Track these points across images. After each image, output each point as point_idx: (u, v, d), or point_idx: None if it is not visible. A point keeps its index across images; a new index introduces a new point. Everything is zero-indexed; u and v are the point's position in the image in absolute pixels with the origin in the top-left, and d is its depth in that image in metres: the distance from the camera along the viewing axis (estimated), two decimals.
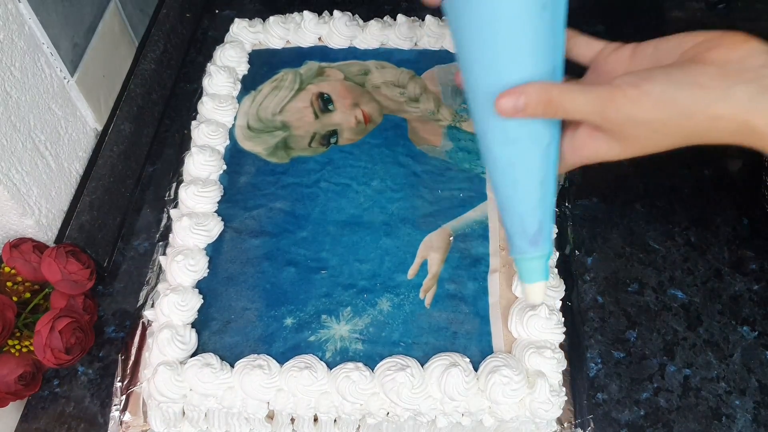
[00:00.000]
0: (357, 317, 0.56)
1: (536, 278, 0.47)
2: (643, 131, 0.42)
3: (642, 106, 0.41)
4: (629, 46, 0.46)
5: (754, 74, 0.40)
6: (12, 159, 0.56)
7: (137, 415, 0.55)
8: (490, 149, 0.45)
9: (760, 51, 0.41)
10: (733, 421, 0.57)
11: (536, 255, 0.47)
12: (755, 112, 0.39)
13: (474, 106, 0.45)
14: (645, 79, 0.41)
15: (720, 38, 0.41)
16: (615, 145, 0.44)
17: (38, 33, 0.59)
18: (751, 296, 0.64)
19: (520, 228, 0.46)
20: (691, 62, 0.41)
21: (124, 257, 0.69)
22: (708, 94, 0.40)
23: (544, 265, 0.47)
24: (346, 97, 0.71)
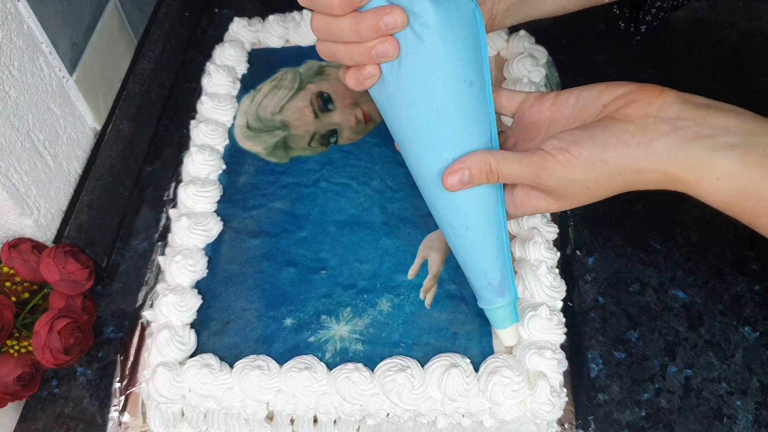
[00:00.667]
0: (357, 318, 0.56)
1: (508, 323, 0.52)
2: (576, 189, 0.45)
3: (573, 169, 0.44)
4: (550, 95, 0.49)
5: (670, 126, 0.43)
6: (11, 159, 0.56)
7: (136, 415, 0.55)
8: (444, 218, 0.50)
9: (673, 102, 0.44)
10: (734, 422, 0.57)
11: (504, 303, 0.51)
12: (674, 162, 0.43)
13: (420, 183, 0.49)
14: (573, 144, 0.44)
15: (637, 92, 0.45)
16: (551, 201, 0.47)
17: (37, 32, 0.59)
18: (753, 296, 0.64)
19: (485, 282, 0.51)
20: (612, 120, 0.44)
21: (123, 257, 0.69)
22: (632, 152, 0.43)
23: (513, 310, 0.52)
24: (346, 96, 0.71)
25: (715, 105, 0.44)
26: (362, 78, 0.45)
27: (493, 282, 0.50)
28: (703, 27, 0.85)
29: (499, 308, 0.51)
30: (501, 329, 0.52)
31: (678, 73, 0.79)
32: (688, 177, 0.43)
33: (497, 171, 0.46)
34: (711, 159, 0.42)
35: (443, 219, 0.50)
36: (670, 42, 0.83)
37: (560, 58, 0.79)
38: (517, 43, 0.72)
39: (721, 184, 0.43)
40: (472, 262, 0.50)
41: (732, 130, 0.42)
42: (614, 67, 0.81)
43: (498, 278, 0.50)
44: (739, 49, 0.82)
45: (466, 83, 0.44)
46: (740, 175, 0.42)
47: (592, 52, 0.83)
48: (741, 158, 0.42)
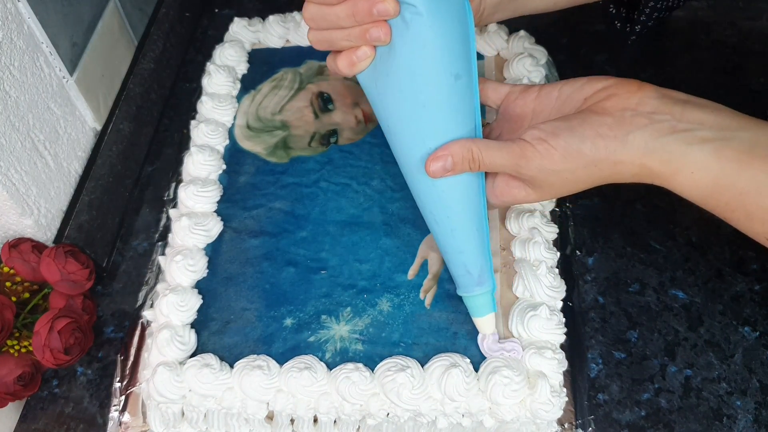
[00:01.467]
0: (357, 318, 0.56)
1: (486, 311, 0.53)
2: (554, 179, 0.46)
3: (551, 159, 0.45)
4: (534, 88, 0.50)
5: (647, 120, 0.43)
6: (11, 159, 0.56)
7: (136, 415, 0.55)
8: (427, 207, 0.51)
9: (651, 97, 0.44)
10: (734, 422, 0.57)
11: (483, 292, 0.52)
12: (650, 155, 0.44)
13: (406, 172, 0.50)
14: (551, 134, 0.45)
15: (616, 86, 0.45)
16: (530, 191, 0.48)
17: (37, 32, 0.59)
18: (753, 296, 0.64)
19: (465, 271, 0.52)
20: (591, 113, 0.45)
21: (123, 257, 0.69)
22: (609, 144, 0.44)
23: (491, 299, 0.53)
24: (346, 96, 0.71)
25: (693, 100, 0.45)
26: (356, 59, 0.46)
27: (472, 270, 0.52)
28: (702, 27, 0.85)
29: (477, 296, 0.52)
30: (478, 317, 0.53)
31: (677, 73, 0.79)
32: (664, 170, 0.44)
33: (479, 159, 0.47)
34: (686, 153, 0.43)
35: (425, 206, 0.51)
36: (670, 42, 0.83)
37: (560, 58, 0.79)
38: (517, 43, 0.72)
39: (696, 178, 0.44)
40: (452, 249, 0.51)
41: (708, 125, 0.43)
42: (614, 67, 0.81)
43: (477, 267, 0.52)
44: (739, 49, 0.82)
45: (453, 76, 0.45)
46: (715, 169, 0.43)
47: (591, 52, 0.83)
48: (716, 152, 0.43)
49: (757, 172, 0.42)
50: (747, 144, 0.43)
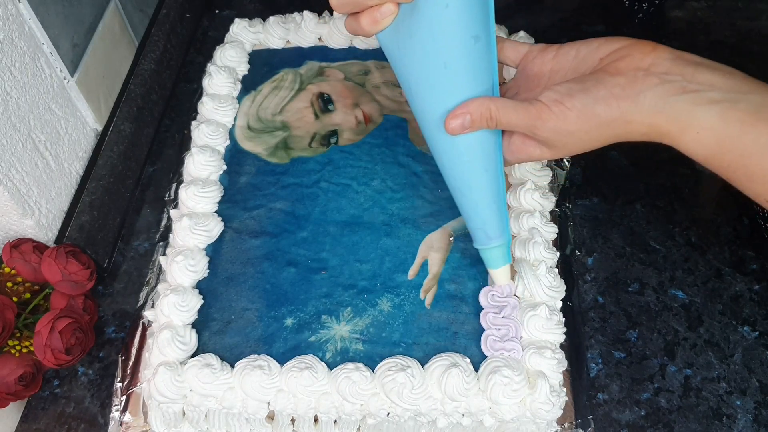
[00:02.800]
0: (357, 317, 0.56)
1: (501, 263, 0.55)
2: (568, 139, 0.48)
3: (566, 120, 0.46)
4: (553, 47, 0.51)
5: (658, 80, 0.44)
6: (12, 159, 0.56)
7: (137, 415, 0.55)
8: (445, 164, 0.52)
9: (664, 58, 0.45)
10: (733, 422, 0.57)
11: (499, 244, 0.54)
12: (660, 115, 0.44)
13: (426, 130, 0.51)
14: (567, 96, 0.46)
15: (631, 47, 0.46)
16: (545, 150, 0.50)
17: (38, 33, 0.59)
18: (752, 296, 0.64)
19: (482, 224, 0.54)
20: (605, 73, 0.46)
21: (124, 257, 0.69)
22: (621, 104, 0.45)
23: (506, 251, 0.55)
24: (346, 97, 0.71)
25: (706, 63, 0.45)
26: (379, 16, 0.45)
27: (488, 223, 0.53)
28: (702, 27, 0.85)
29: (493, 248, 0.54)
30: (494, 269, 0.56)
31: None
32: (672, 129, 0.45)
33: (496, 117, 0.48)
34: (694, 112, 0.44)
35: (444, 163, 0.52)
36: (669, 42, 0.83)
37: None
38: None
39: (701, 138, 0.44)
40: (469, 204, 0.53)
41: (717, 87, 0.44)
42: None
43: (493, 220, 0.53)
44: (738, 49, 0.83)
45: (473, 38, 0.46)
46: (720, 129, 0.43)
47: None
48: (722, 114, 0.43)
49: (761, 134, 0.43)
50: (754, 106, 0.43)
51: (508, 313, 0.54)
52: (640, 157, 0.74)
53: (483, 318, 0.55)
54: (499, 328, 0.54)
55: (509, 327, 0.54)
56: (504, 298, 0.56)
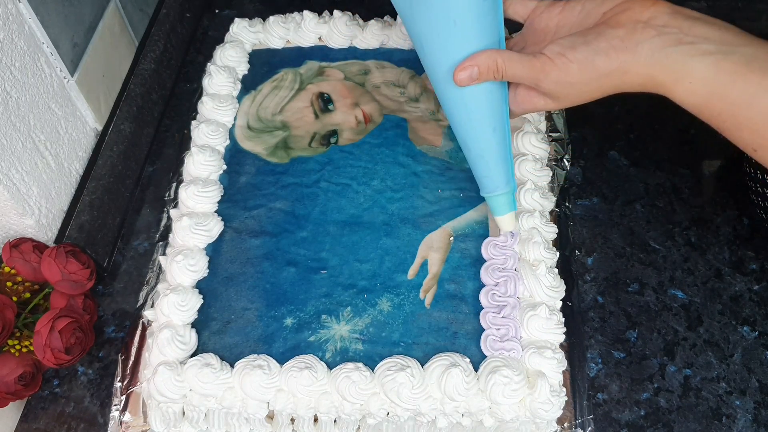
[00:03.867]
0: (357, 317, 0.56)
1: (506, 210, 0.58)
2: (569, 90, 0.50)
3: (568, 72, 0.49)
4: (559, 3, 0.54)
5: (655, 32, 0.46)
6: (12, 159, 0.56)
7: (137, 415, 0.55)
8: (454, 115, 0.55)
9: (663, 12, 0.47)
10: (733, 422, 0.57)
11: (504, 192, 0.57)
12: (656, 65, 0.47)
13: (436, 83, 0.54)
14: (569, 48, 0.49)
15: (633, 1, 0.49)
16: (549, 101, 0.52)
17: (38, 33, 0.59)
18: (752, 296, 0.64)
19: (488, 172, 0.56)
20: (606, 26, 0.48)
21: (124, 257, 0.69)
22: (620, 55, 0.47)
23: (511, 198, 0.58)
24: (346, 96, 0.71)
25: (703, 18, 0.47)
26: None
27: (495, 172, 0.56)
28: None
29: (498, 196, 0.57)
30: (499, 216, 0.58)
31: None
32: (666, 79, 0.47)
33: (503, 70, 0.50)
34: (687, 63, 0.46)
35: (453, 114, 0.55)
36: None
37: None
38: None
39: (694, 88, 0.46)
40: (477, 153, 0.56)
41: (712, 40, 0.46)
42: None
43: (499, 168, 0.56)
44: None
45: None
46: (711, 79, 0.46)
47: None
48: (715, 64, 0.45)
49: (750, 84, 0.45)
50: (745, 58, 0.45)
51: (507, 312, 0.54)
52: (640, 157, 0.74)
53: (483, 318, 0.55)
54: (498, 327, 0.54)
55: (509, 327, 0.54)
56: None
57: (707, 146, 0.74)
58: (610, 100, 0.50)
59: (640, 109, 0.77)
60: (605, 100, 0.51)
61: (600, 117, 0.77)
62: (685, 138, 0.75)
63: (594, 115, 0.77)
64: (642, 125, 0.76)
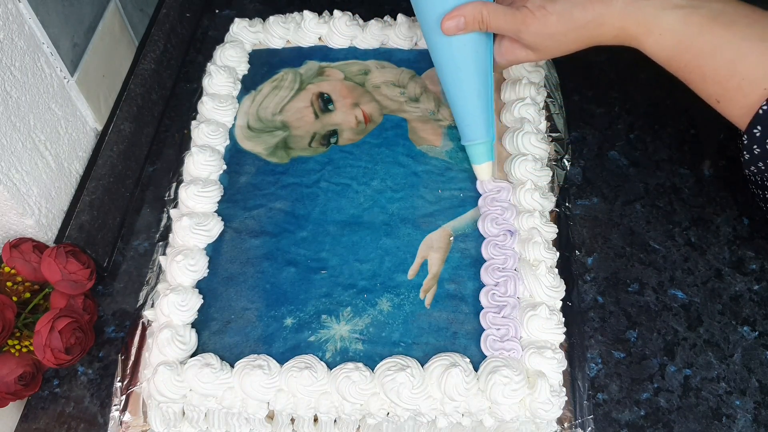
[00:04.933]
0: (357, 317, 0.56)
1: (484, 159, 0.62)
2: (549, 42, 0.54)
3: (547, 24, 0.53)
4: None
5: None
6: (12, 159, 0.56)
7: (137, 415, 0.55)
8: (441, 63, 0.59)
9: None
10: (733, 422, 0.57)
11: (483, 141, 0.61)
12: (628, 18, 0.50)
13: (426, 32, 0.58)
14: (549, 1, 0.52)
15: None
16: (530, 53, 0.56)
17: (38, 33, 0.59)
18: (752, 296, 0.64)
19: (470, 121, 0.60)
20: None
21: (124, 257, 0.69)
22: (596, 7, 0.51)
23: (489, 148, 0.62)
24: (346, 96, 0.71)
25: None
26: None
27: (476, 120, 0.60)
28: None
29: (478, 145, 0.61)
30: (477, 164, 0.63)
31: None
32: (638, 32, 0.51)
33: (487, 21, 0.54)
34: (658, 16, 0.49)
35: (440, 63, 0.59)
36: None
37: (560, 58, 0.79)
38: None
39: (663, 39, 0.50)
40: (460, 101, 0.60)
41: None
42: (614, 67, 0.81)
43: (480, 118, 0.60)
44: None
45: None
46: (679, 31, 0.49)
47: (591, 52, 0.83)
48: (684, 18, 0.49)
49: (715, 36, 0.48)
50: (713, 13, 0.48)
51: (507, 312, 0.54)
52: (640, 157, 0.74)
53: (483, 318, 0.55)
54: (498, 327, 0.54)
55: (509, 327, 0.54)
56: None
57: (707, 146, 0.74)
58: (610, 100, 0.51)
59: (640, 109, 0.77)
60: (605, 100, 0.51)
61: (600, 117, 0.77)
62: (685, 138, 0.75)
63: (594, 115, 0.77)
64: (642, 125, 0.76)
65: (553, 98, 0.72)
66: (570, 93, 0.79)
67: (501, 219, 0.60)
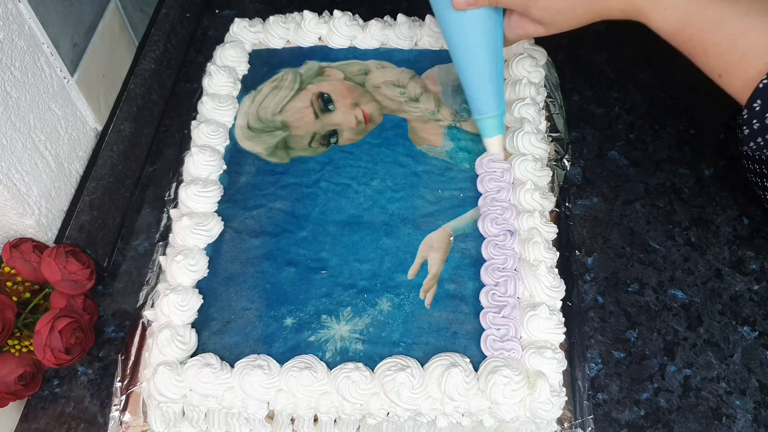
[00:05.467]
0: (357, 317, 0.56)
1: (495, 133, 0.63)
2: (557, 17, 0.55)
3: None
4: None
5: None
6: (12, 159, 0.56)
7: (137, 415, 0.55)
8: (453, 39, 0.60)
9: None
10: (733, 422, 0.57)
11: (494, 114, 0.62)
12: None
13: (437, 9, 0.59)
14: None
15: None
16: (539, 27, 0.57)
17: (38, 33, 0.59)
18: (752, 296, 0.64)
19: (481, 95, 0.61)
20: None
21: (124, 257, 0.69)
22: None
23: (499, 122, 0.63)
24: (346, 96, 0.71)
25: None
26: None
27: (486, 95, 0.61)
28: None
29: (488, 118, 0.62)
30: (487, 138, 0.64)
31: (677, 73, 0.79)
32: (644, 6, 0.51)
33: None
34: None
35: (451, 38, 0.60)
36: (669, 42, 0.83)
37: (560, 58, 0.80)
38: (517, 44, 0.72)
39: (668, 13, 0.51)
40: (472, 77, 0.61)
41: None
42: (613, 67, 0.81)
43: (490, 92, 0.61)
44: None
45: None
46: (684, 5, 0.50)
47: (591, 53, 0.83)
48: None
49: (718, 10, 0.49)
50: None
51: (507, 312, 0.54)
52: (640, 157, 0.74)
53: (483, 318, 0.55)
54: (498, 327, 0.54)
55: (509, 327, 0.54)
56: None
57: (707, 146, 0.74)
58: (610, 100, 0.50)
59: (640, 109, 0.77)
60: (605, 100, 0.51)
61: (600, 117, 0.77)
62: (685, 138, 0.75)
63: (594, 115, 0.77)
64: (642, 125, 0.76)
65: (553, 98, 0.72)
66: (570, 93, 0.79)
67: (501, 219, 0.60)
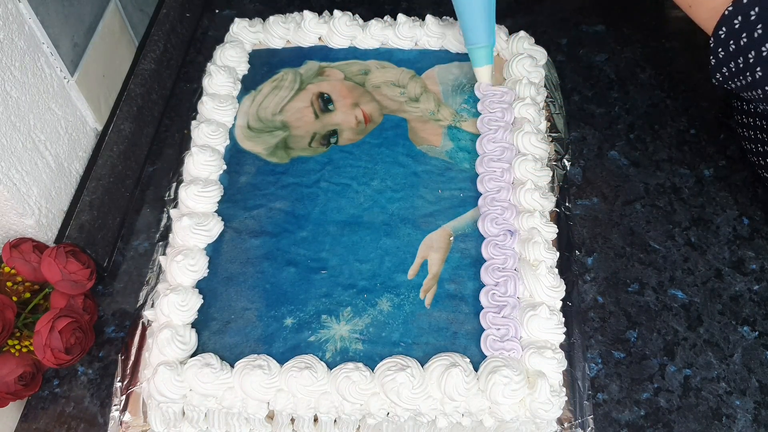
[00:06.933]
0: (357, 317, 0.56)
1: (484, 62, 0.67)
2: None
3: None
4: None
5: None
6: (12, 159, 0.56)
7: (137, 415, 0.55)
8: None
9: None
10: (733, 422, 0.57)
11: (484, 45, 0.66)
12: None
13: None
14: None
15: None
16: None
17: (38, 33, 0.59)
18: (752, 296, 0.64)
19: (472, 25, 0.65)
20: None
21: (124, 257, 0.69)
22: None
23: (489, 52, 0.67)
24: (346, 96, 0.71)
25: None
26: None
27: (478, 25, 0.64)
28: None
29: (479, 48, 0.66)
30: (478, 67, 0.68)
31: (677, 73, 0.79)
32: None
33: None
34: None
35: None
36: (670, 42, 0.83)
37: (560, 58, 0.80)
38: (517, 44, 0.72)
39: None
40: (465, 8, 0.64)
41: None
42: (613, 67, 0.81)
43: (482, 23, 0.64)
44: None
45: None
46: None
47: (591, 53, 0.83)
48: None
49: None
50: None
51: (507, 312, 0.54)
52: (640, 157, 0.74)
53: (483, 318, 0.55)
54: (498, 327, 0.54)
55: (509, 327, 0.54)
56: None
57: (707, 146, 0.74)
58: (610, 100, 0.50)
59: (640, 109, 0.77)
60: (605, 100, 0.51)
61: (600, 117, 0.77)
62: (685, 138, 0.75)
63: (594, 115, 0.77)
64: (642, 125, 0.76)
65: (553, 98, 0.72)
66: (570, 93, 0.79)
67: (501, 219, 0.60)
